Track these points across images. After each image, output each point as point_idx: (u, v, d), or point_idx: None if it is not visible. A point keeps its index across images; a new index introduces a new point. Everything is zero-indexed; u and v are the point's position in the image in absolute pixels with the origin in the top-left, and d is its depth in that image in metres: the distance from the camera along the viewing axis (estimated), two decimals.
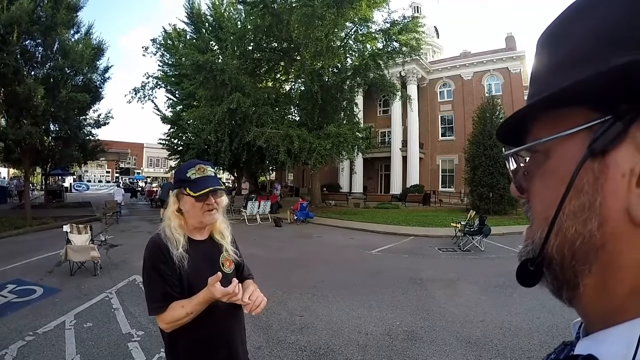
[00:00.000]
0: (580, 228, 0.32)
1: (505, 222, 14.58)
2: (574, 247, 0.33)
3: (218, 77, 17.16)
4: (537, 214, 0.38)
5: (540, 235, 0.36)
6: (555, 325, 4.23)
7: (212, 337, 1.47)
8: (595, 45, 0.32)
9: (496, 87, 26.73)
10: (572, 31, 0.35)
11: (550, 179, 0.36)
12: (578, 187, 0.32)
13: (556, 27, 0.38)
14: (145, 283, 1.46)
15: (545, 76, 0.38)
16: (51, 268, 6.81)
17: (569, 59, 0.34)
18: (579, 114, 0.33)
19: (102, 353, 3.61)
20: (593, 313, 0.35)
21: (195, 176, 1.48)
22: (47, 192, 21.84)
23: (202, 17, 24.62)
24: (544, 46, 0.39)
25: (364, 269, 7.40)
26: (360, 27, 19.44)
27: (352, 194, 27.04)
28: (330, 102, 19.27)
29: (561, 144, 0.35)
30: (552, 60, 0.37)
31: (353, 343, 3.94)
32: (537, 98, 0.36)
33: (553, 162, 0.36)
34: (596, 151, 0.31)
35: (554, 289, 0.37)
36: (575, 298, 0.35)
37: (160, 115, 26.50)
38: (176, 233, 1.47)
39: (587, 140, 0.32)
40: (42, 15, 12.05)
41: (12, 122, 11.92)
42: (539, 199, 0.38)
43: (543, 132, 0.37)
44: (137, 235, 11.26)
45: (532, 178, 0.39)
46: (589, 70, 0.31)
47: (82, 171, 44.82)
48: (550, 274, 0.36)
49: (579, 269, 0.33)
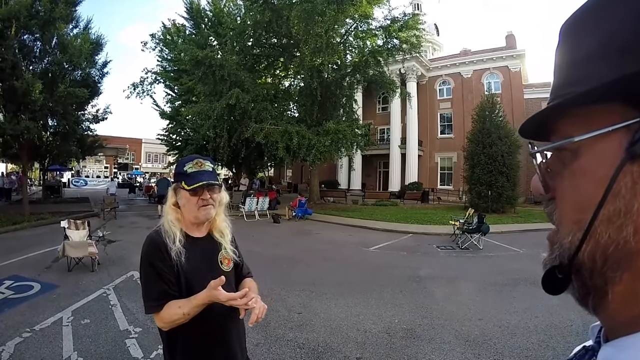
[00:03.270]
0: (615, 234, 0.30)
1: (503, 220, 14.62)
2: (606, 254, 0.31)
3: (217, 73, 17.11)
4: (566, 217, 0.36)
5: (572, 240, 0.34)
6: (553, 325, 4.23)
7: (210, 336, 1.45)
8: (631, 36, 0.29)
9: (496, 86, 26.73)
10: (604, 20, 0.32)
11: (583, 180, 0.34)
12: (614, 191, 0.30)
13: (584, 15, 0.35)
14: (142, 281, 1.44)
15: (573, 68, 0.35)
16: (49, 264, 6.79)
17: (601, 50, 0.31)
18: (614, 111, 0.31)
19: (99, 350, 3.60)
20: (619, 320, 0.33)
21: (192, 170, 1.48)
22: (45, 187, 21.76)
23: (202, 12, 24.51)
24: (570, 35, 0.36)
25: (362, 267, 7.41)
26: (361, 23, 19.39)
27: (351, 191, 27.05)
28: (329, 98, 19.24)
29: (594, 143, 0.32)
30: (581, 51, 0.34)
31: (351, 341, 3.93)
32: (567, 96, 0.33)
33: (585, 162, 0.33)
34: (636, 154, 0.29)
35: (579, 296, 0.35)
36: (601, 305, 0.34)
37: (159, 111, 26.39)
38: (173, 227, 1.46)
39: (624, 141, 0.30)
40: (40, 10, 11.92)
41: (10, 117, 11.83)
42: (568, 200, 0.36)
43: (573, 130, 0.34)
44: (135, 231, 11.23)
45: (559, 177, 0.37)
46: (624, 66, 0.28)
47: (80, 167, 44.62)
48: (578, 280, 0.35)
49: (609, 276, 0.32)
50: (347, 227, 13.48)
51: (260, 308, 1.39)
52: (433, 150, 29.36)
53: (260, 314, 1.38)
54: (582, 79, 0.32)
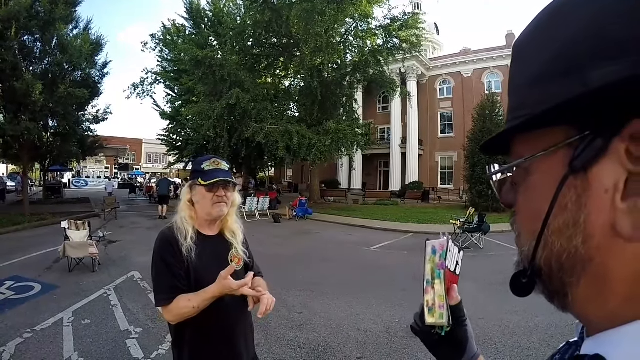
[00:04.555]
0: (565, 244, 0.33)
1: (504, 219, 14.54)
2: (560, 261, 0.33)
3: (217, 73, 17.13)
4: (523, 228, 0.39)
5: (529, 248, 0.36)
6: (554, 324, 4.23)
7: (218, 333, 1.48)
8: (572, 56, 0.31)
9: (496, 85, 26.73)
10: (547, 40, 0.33)
11: (533, 195, 0.36)
12: (562, 204, 0.32)
13: (531, 35, 0.37)
14: (153, 275, 1.48)
15: (523, 90, 0.36)
16: (49, 264, 6.80)
17: (547, 72, 0.33)
18: (559, 131, 0.32)
19: (100, 350, 3.60)
20: (589, 318, 0.35)
21: (209, 168, 1.55)
22: (46, 188, 21.76)
23: (202, 12, 24.48)
24: (520, 56, 0.38)
25: (363, 266, 7.41)
26: (361, 23, 19.39)
27: (351, 191, 27.05)
28: (329, 98, 19.23)
29: (542, 161, 0.34)
30: (528, 72, 0.35)
31: (352, 340, 3.94)
32: (517, 121, 0.35)
33: (535, 179, 0.36)
34: (577, 168, 0.31)
35: (547, 297, 0.38)
36: (567, 306, 0.36)
37: (159, 111, 26.40)
38: (186, 223, 1.51)
39: (568, 157, 0.32)
40: (40, 11, 11.96)
41: (11, 117, 11.85)
42: (524, 213, 0.39)
43: (524, 150, 0.37)
44: (135, 231, 11.24)
45: (518, 192, 0.39)
46: (568, 88, 0.30)
47: (81, 167, 44.64)
48: (541, 284, 0.37)
49: (567, 281, 0.34)
50: (348, 227, 13.49)
51: (269, 299, 1.44)
52: (433, 149, 29.37)
53: (269, 306, 1.43)
54: (531, 101, 0.34)
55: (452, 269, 0.71)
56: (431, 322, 0.67)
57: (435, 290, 0.68)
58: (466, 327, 0.70)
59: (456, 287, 0.70)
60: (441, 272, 0.68)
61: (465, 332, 0.69)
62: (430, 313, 0.68)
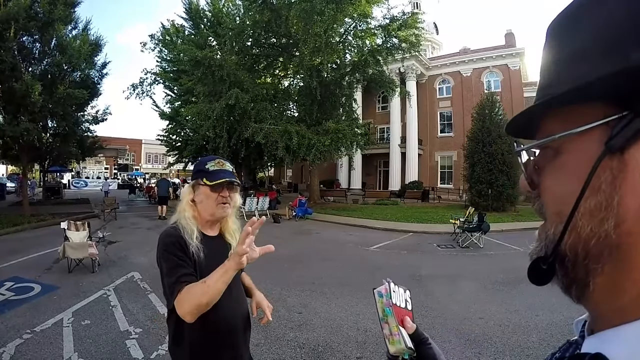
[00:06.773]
0: (596, 227, 0.31)
1: (504, 218, 14.60)
2: (588, 246, 0.32)
3: (216, 73, 17.11)
4: (549, 209, 0.37)
5: (555, 232, 0.35)
6: (554, 323, 4.23)
7: (218, 336, 1.46)
8: (614, 37, 0.30)
9: (495, 84, 26.74)
10: (587, 21, 0.33)
11: (564, 175, 0.35)
12: (595, 186, 0.31)
13: (569, 15, 0.36)
14: (163, 271, 1.39)
15: (557, 68, 0.36)
16: (49, 265, 6.79)
17: (587, 51, 0.32)
18: (595, 109, 0.32)
19: (100, 351, 3.60)
20: (601, 311, 0.34)
21: (214, 168, 1.53)
22: (46, 188, 21.76)
23: (201, 12, 24.50)
24: (555, 35, 0.37)
25: (362, 266, 7.40)
26: (360, 22, 19.35)
27: (351, 190, 27.05)
28: (329, 98, 19.22)
29: (575, 140, 0.33)
30: (565, 51, 0.35)
31: (352, 340, 3.94)
32: (550, 96, 0.34)
33: (566, 159, 0.34)
34: (614, 148, 0.30)
35: (564, 286, 0.36)
36: (584, 296, 0.35)
37: (159, 111, 26.39)
38: (190, 223, 1.48)
39: (604, 137, 0.30)
40: (39, 11, 11.93)
41: (10, 118, 11.84)
42: (551, 195, 0.37)
43: (555, 127, 0.35)
44: (135, 231, 11.24)
45: (543, 173, 0.38)
46: (607, 66, 0.29)
47: (81, 168, 44.62)
48: (562, 270, 0.35)
49: (591, 268, 0.32)
50: (348, 227, 13.49)
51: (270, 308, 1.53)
52: (433, 149, 29.37)
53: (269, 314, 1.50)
54: (566, 78, 0.33)
55: (402, 305, 0.83)
56: (393, 351, 0.78)
57: (389, 324, 0.79)
58: (430, 347, 0.79)
59: (409, 318, 0.82)
60: (390, 309, 0.80)
61: (430, 351, 0.79)
62: (391, 343, 0.78)
